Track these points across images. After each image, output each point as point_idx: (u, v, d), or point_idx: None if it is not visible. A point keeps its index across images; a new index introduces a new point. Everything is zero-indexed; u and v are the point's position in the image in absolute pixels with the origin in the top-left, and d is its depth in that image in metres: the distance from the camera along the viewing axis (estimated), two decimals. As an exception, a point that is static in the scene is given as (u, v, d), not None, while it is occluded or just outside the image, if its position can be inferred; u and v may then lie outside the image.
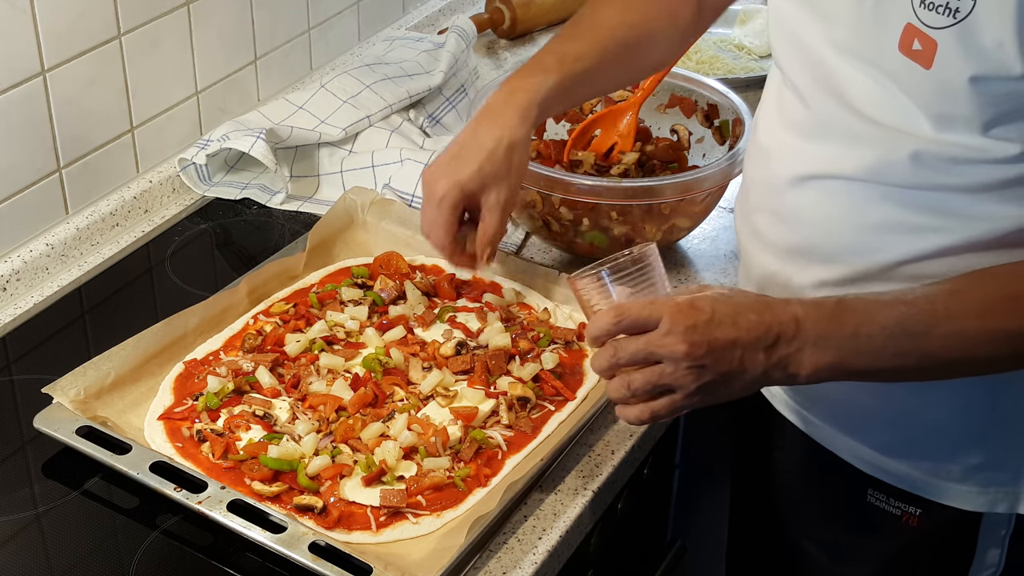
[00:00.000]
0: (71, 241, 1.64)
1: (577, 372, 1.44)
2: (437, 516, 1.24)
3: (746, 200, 1.36)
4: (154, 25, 1.70)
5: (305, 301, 1.52)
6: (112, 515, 1.28)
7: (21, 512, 1.28)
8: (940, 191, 1.13)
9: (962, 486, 1.28)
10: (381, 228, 1.65)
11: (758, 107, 1.38)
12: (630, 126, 1.72)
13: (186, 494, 1.24)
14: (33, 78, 1.55)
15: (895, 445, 1.29)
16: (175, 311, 1.46)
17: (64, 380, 1.35)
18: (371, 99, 1.88)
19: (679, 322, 1.06)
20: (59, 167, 1.63)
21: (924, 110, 1.11)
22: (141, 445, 1.30)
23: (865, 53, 1.13)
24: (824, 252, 1.23)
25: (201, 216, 1.76)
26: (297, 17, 1.99)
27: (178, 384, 1.40)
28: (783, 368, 1.09)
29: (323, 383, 1.38)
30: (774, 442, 1.45)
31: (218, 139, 1.76)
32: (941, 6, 1.05)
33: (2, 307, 1.56)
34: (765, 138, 1.31)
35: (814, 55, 1.19)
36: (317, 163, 1.84)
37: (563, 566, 1.30)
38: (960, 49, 1.05)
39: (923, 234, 1.16)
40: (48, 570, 1.23)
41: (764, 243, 1.32)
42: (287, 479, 1.27)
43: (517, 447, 1.33)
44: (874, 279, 1.20)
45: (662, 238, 1.63)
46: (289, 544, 1.19)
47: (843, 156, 1.18)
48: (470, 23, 2.09)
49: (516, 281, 1.58)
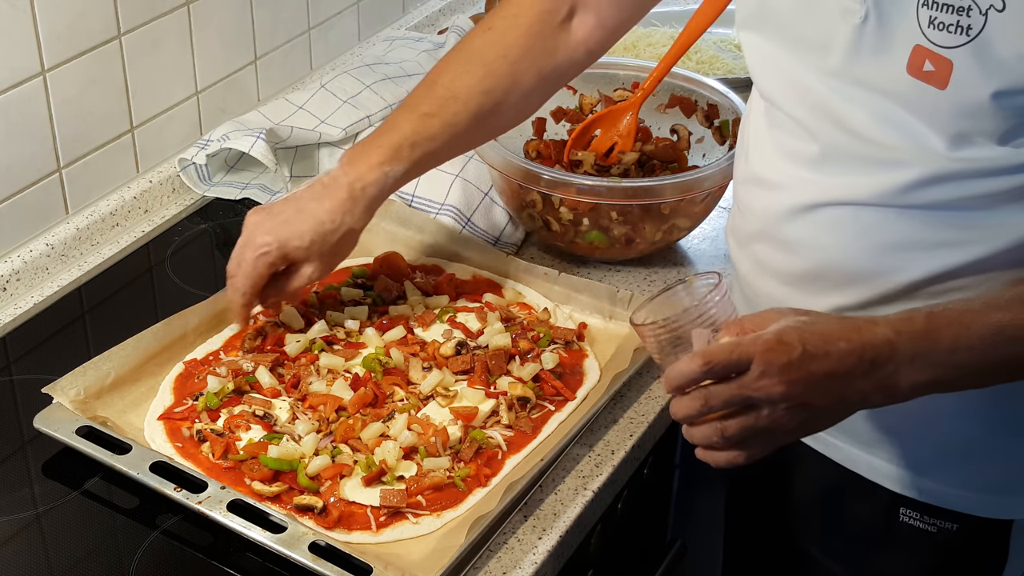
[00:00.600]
0: (71, 241, 1.64)
1: (577, 372, 1.44)
2: (437, 516, 1.24)
3: (742, 229, 1.32)
4: (154, 25, 1.70)
5: (305, 301, 1.52)
6: (112, 515, 1.28)
7: (21, 512, 1.28)
8: (958, 206, 1.11)
9: (992, 496, 1.27)
10: (382, 228, 1.65)
11: (742, 131, 1.34)
12: (630, 126, 1.72)
13: (186, 494, 1.24)
14: (33, 78, 1.55)
15: (922, 461, 1.28)
16: (175, 311, 1.46)
17: (64, 380, 1.35)
18: (371, 99, 1.88)
19: (772, 362, 0.99)
20: (59, 167, 1.63)
21: (938, 130, 1.08)
22: (141, 445, 1.30)
23: (866, 79, 1.11)
24: (839, 277, 1.20)
25: (201, 216, 1.76)
26: (297, 17, 1.99)
27: (178, 384, 1.40)
28: (881, 391, 1.04)
29: (323, 383, 1.38)
30: (784, 459, 1.40)
31: (218, 139, 1.76)
32: (952, 25, 1.03)
33: (2, 307, 1.56)
34: (761, 167, 1.27)
35: (805, 86, 1.16)
36: (317, 163, 1.84)
37: (563, 566, 1.30)
38: (978, 66, 1.03)
39: (944, 250, 1.13)
40: (48, 570, 1.22)
41: (769, 272, 1.28)
42: (287, 479, 1.27)
43: (517, 447, 1.33)
44: (896, 299, 1.17)
45: (662, 238, 1.64)
46: (289, 544, 1.19)
47: (852, 183, 1.15)
48: (470, 23, 2.09)
49: (517, 281, 1.58)
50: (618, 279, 1.64)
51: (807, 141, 1.19)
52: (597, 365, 1.45)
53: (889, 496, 1.31)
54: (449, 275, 1.58)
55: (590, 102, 1.78)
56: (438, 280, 1.57)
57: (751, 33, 1.23)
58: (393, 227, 1.65)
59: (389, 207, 1.66)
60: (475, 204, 1.71)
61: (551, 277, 1.57)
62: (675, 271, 1.66)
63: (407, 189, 1.72)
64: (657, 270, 1.66)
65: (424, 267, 1.61)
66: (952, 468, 1.27)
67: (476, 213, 1.70)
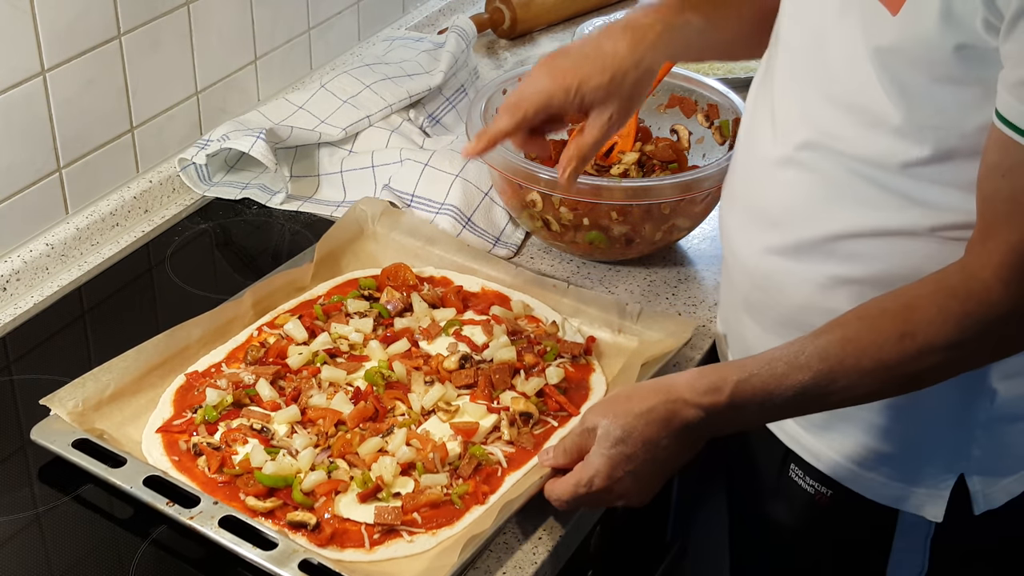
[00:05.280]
0: (71, 241, 1.64)
1: (583, 387, 1.42)
2: (432, 534, 1.22)
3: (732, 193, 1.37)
4: (154, 25, 1.70)
5: (310, 313, 1.50)
6: (109, 518, 1.27)
7: (20, 512, 1.28)
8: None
9: (869, 474, 1.30)
10: (391, 239, 1.64)
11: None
12: (630, 126, 1.72)
13: (178, 509, 1.22)
14: (33, 78, 1.55)
15: (813, 420, 1.30)
16: (175, 311, 1.45)
17: (62, 392, 1.33)
18: (371, 99, 1.88)
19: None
20: (59, 167, 1.63)
21: None
22: (137, 458, 1.28)
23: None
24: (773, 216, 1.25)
25: (201, 216, 1.76)
26: (297, 17, 1.99)
27: (179, 396, 1.39)
28: (693, 449, 1.20)
29: (323, 396, 1.36)
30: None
31: (218, 139, 1.76)
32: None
33: (2, 307, 1.56)
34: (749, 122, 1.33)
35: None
36: (317, 163, 1.84)
37: (563, 566, 1.29)
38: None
39: (864, 207, 1.18)
40: (48, 570, 1.22)
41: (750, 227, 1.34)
42: (282, 495, 1.25)
43: (517, 464, 1.31)
44: (814, 251, 1.22)
45: (662, 238, 1.63)
46: (279, 561, 1.17)
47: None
48: (470, 23, 2.09)
49: (525, 293, 1.56)
50: (618, 279, 1.64)
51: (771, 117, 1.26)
52: (604, 380, 1.43)
53: (783, 449, 1.36)
54: (457, 287, 1.56)
55: (590, 102, 1.78)
56: (445, 292, 1.55)
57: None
58: (403, 238, 1.64)
59: (398, 217, 1.66)
60: (475, 204, 1.71)
61: (560, 289, 1.55)
62: (675, 271, 1.66)
63: (407, 189, 1.72)
64: (657, 270, 1.66)
65: (432, 279, 1.59)
66: (836, 433, 1.30)
67: (476, 213, 1.70)
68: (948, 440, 1.26)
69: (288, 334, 1.46)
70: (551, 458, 1.24)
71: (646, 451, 1.17)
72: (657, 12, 1.34)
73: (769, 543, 1.48)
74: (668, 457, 1.19)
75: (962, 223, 1.12)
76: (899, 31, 1.07)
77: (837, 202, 1.19)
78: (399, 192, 1.72)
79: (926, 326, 1.09)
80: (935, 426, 1.26)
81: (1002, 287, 1.06)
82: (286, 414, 1.34)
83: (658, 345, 1.45)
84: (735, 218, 1.34)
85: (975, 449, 1.26)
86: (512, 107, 1.33)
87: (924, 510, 1.29)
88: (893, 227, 1.17)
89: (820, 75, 1.18)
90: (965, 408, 1.24)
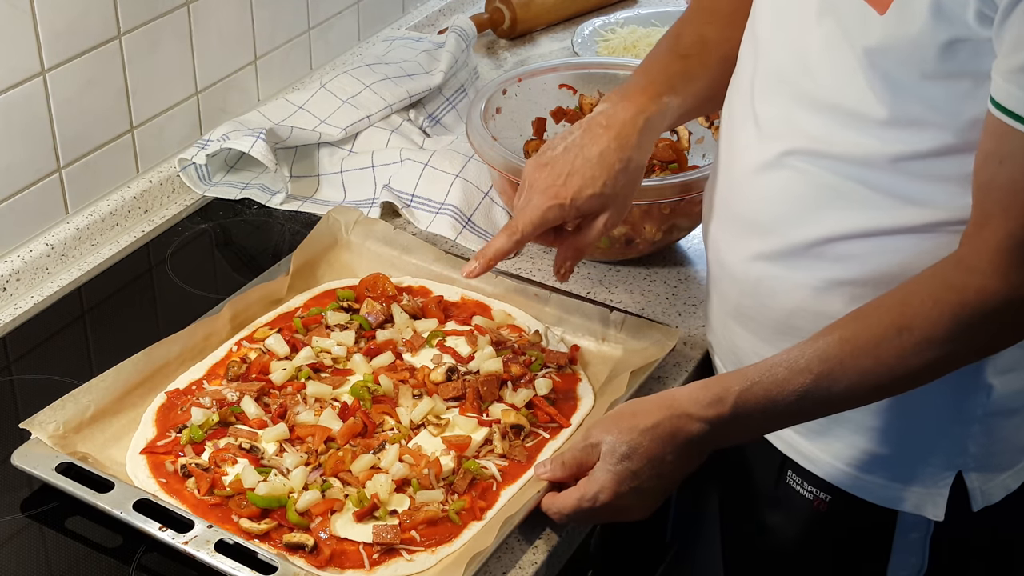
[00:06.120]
0: (71, 241, 1.64)
1: (571, 397, 1.40)
2: (432, 552, 1.21)
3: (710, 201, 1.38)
4: (154, 25, 1.70)
5: (290, 326, 1.47)
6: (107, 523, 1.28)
7: (21, 512, 1.28)
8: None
9: (868, 476, 1.30)
10: (366, 248, 1.61)
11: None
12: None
13: (172, 534, 1.19)
14: (33, 78, 1.55)
15: (810, 426, 1.30)
16: (175, 311, 1.45)
17: (42, 414, 1.29)
18: (371, 99, 1.88)
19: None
20: (59, 167, 1.63)
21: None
22: (123, 482, 1.25)
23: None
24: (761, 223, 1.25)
25: (201, 216, 1.76)
26: (297, 17, 1.99)
27: (160, 416, 1.35)
28: (699, 458, 1.21)
29: (311, 412, 1.34)
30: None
31: (218, 139, 1.76)
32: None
33: (2, 307, 1.56)
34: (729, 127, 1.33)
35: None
36: (317, 163, 1.84)
37: (563, 566, 1.29)
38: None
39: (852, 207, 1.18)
40: (48, 570, 1.23)
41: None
42: (276, 515, 1.22)
43: (512, 477, 1.30)
44: (805, 255, 1.22)
45: (662, 238, 1.63)
46: None
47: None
48: (470, 23, 2.09)
49: (506, 302, 1.54)
50: (617, 279, 1.64)
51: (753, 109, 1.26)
52: (591, 390, 1.42)
53: (780, 457, 1.36)
54: (437, 297, 1.54)
55: (590, 102, 1.78)
56: (425, 302, 1.53)
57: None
58: (378, 247, 1.61)
59: (372, 226, 1.63)
60: (475, 204, 1.71)
61: (542, 298, 1.53)
62: (675, 271, 1.66)
63: (407, 189, 1.72)
64: (657, 270, 1.66)
65: (411, 289, 1.56)
66: (832, 438, 1.30)
67: (476, 213, 1.70)
68: (945, 438, 1.26)
69: (270, 349, 1.43)
70: (549, 471, 1.24)
71: (651, 467, 1.18)
72: (635, 103, 1.35)
73: (767, 551, 1.47)
74: (672, 472, 1.19)
75: (955, 219, 1.12)
76: (888, 30, 1.07)
77: (826, 205, 1.19)
78: (399, 192, 1.72)
79: (923, 320, 1.09)
80: (932, 425, 1.26)
81: (998, 276, 1.06)
82: (274, 432, 1.31)
83: (643, 353, 1.44)
84: (720, 227, 1.34)
85: (972, 445, 1.26)
86: (510, 229, 1.35)
87: (924, 509, 1.29)
88: (885, 227, 1.17)
89: (802, 80, 1.18)
90: (961, 405, 1.24)
